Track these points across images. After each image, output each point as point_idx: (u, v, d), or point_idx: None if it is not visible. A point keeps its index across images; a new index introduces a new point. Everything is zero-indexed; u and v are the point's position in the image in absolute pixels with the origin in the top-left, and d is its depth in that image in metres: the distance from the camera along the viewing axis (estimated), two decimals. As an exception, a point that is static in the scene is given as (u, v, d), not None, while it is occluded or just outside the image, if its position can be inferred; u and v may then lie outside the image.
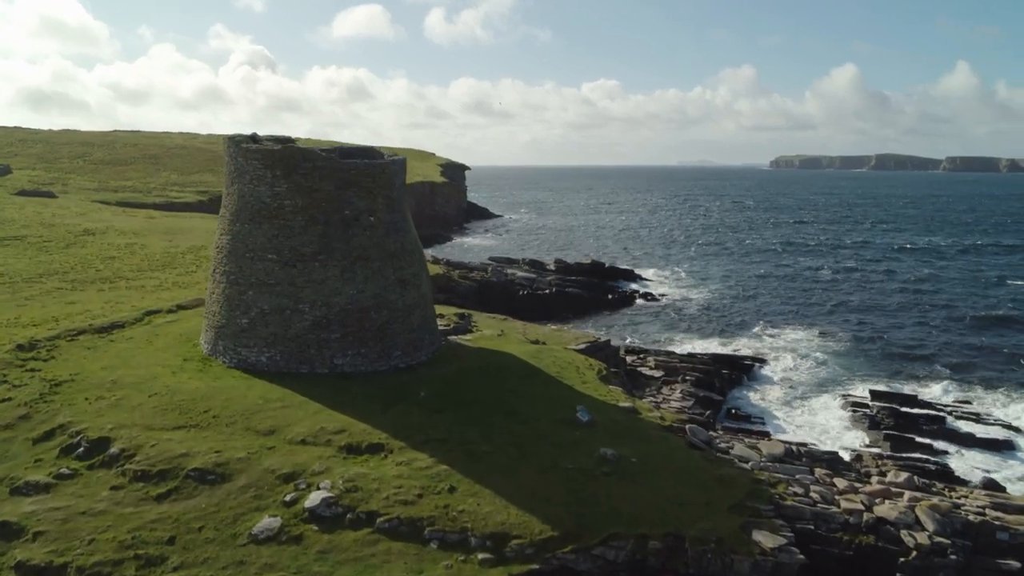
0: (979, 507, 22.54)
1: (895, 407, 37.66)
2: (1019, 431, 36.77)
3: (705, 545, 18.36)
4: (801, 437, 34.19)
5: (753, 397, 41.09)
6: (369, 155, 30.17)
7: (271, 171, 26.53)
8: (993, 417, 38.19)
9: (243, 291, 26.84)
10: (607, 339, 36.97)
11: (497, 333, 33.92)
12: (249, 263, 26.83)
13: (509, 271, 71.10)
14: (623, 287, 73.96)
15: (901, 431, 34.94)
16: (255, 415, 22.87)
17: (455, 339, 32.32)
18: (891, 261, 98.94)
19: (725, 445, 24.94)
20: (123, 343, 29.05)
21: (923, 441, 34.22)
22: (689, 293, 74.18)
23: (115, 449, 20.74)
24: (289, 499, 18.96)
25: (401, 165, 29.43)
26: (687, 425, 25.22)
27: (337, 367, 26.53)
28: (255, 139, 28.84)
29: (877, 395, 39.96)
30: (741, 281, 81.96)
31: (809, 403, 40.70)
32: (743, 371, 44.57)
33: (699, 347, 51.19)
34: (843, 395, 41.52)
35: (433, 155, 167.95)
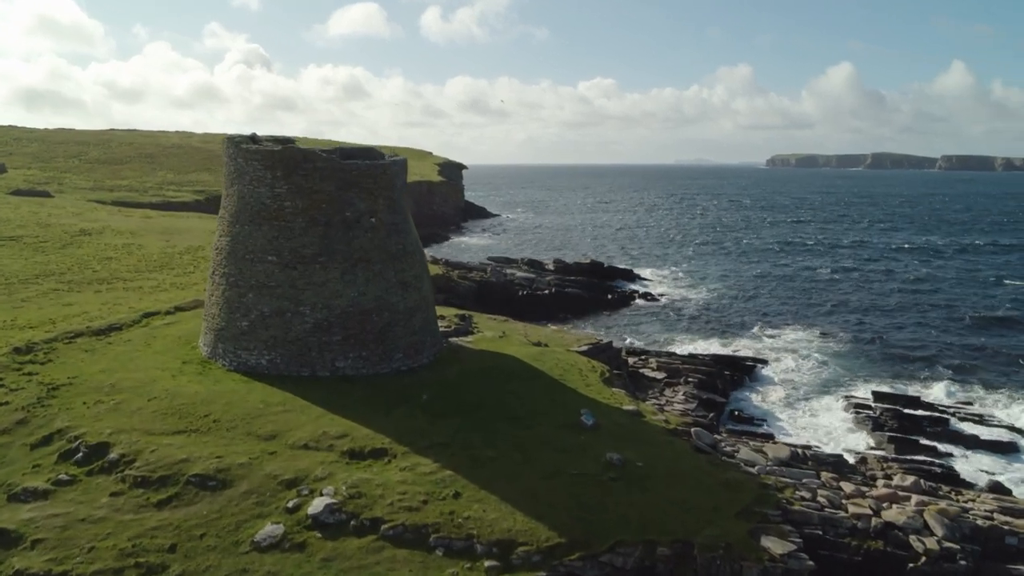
0: (987, 511, 22.38)
1: (898, 409, 37.48)
2: (1023, 433, 36.62)
3: (714, 552, 18.15)
4: (804, 439, 34.02)
5: (755, 399, 40.90)
6: (370, 156, 29.89)
7: (271, 172, 26.24)
8: (996, 419, 38.04)
9: (243, 293, 26.55)
10: (609, 340, 36.77)
11: (498, 335, 33.68)
12: (249, 265, 26.54)
13: (508, 271, 70.85)
14: (622, 287, 73.76)
15: (905, 433, 34.77)
16: (256, 419, 22.59)
17: (456, 341, 32.07)
18: (889, 260, 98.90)
19: (731, 448, 24.74)
20: (121, 346, 28.73)
21: (927, 443, 34.05)
22: (688, 293, 74.02)
23: (114, 454, 20.44)
24: (292, 505, 18.69)
25: (402, 166, 29.16)
26: (692, 428, 25.02)
27: (338, 370, 26.26)
28: (255, 139, 28.55)
29: (880, 396, 39.79)
30: (739, 281, 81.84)
31: (811, 404, 40.53)
32: (744, 372, 44.41)
33: (699, 348, 51.02)
34: (845, 396, 41.35)
35: (430, 154, 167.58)
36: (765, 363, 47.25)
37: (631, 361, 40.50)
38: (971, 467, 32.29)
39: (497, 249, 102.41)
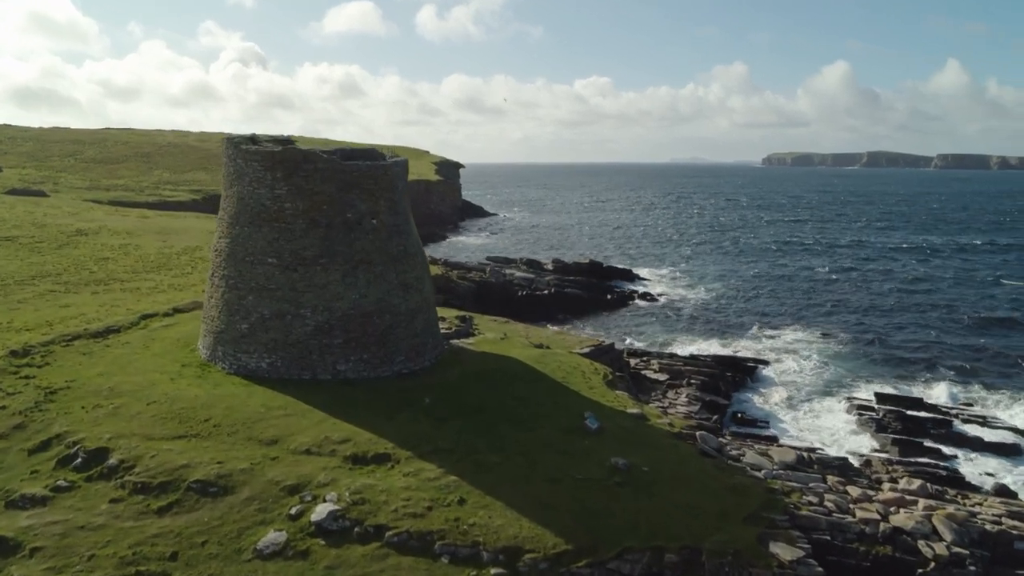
0: (995, 515, 22.23)
1: (901, 410, 37.31)
2: (1026, 434, 36.52)
3: (722, 558, 17.93)
4: (808, 441, 33.89)
5: (757, 400, 40.73)
6: (371, 156, 29.60)
7: (271, 173, 25.95)
8: (999, 420, 37.88)
9: (243, 296, 26.26)
10: (611, 342, 36.53)
11: (500, 337, 33.43)
12: (249, 267, 26.24)
13: (507, 271, 70.62)
14: (621, 287, 73.58)
15: (908, 435, 34.59)
16: (257, 424, 22.30)
17: (457, 343, 31.82)
18: (887, 260, 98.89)
19: (736, 452, 24.53)
20: (119, 348, 28.41)
21: (931, 446, 33.90)
22: (687, 293, 73.88)
23: (114, 460, 20.14)
24: (294, 512, 18.42)
25: (403, 167, 28.90)
26: (697, 432, 24.80)
27: (340, 373, 25.99)
28: (254, 140, 28.25)
29: (882, 398, 39.62)
30: (738, 280, 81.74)
31: (813, 406, 40.38)
32: (746, 373, 44.23)
33: (700, 349, 50.84)
34: (847, 397, 41.19)
35: (427, 153, 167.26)
36: (766, 364, 47.12)
37: (633, 363, 40.30)
38: (976, 470, 32.15)
39: (495, 249, 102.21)
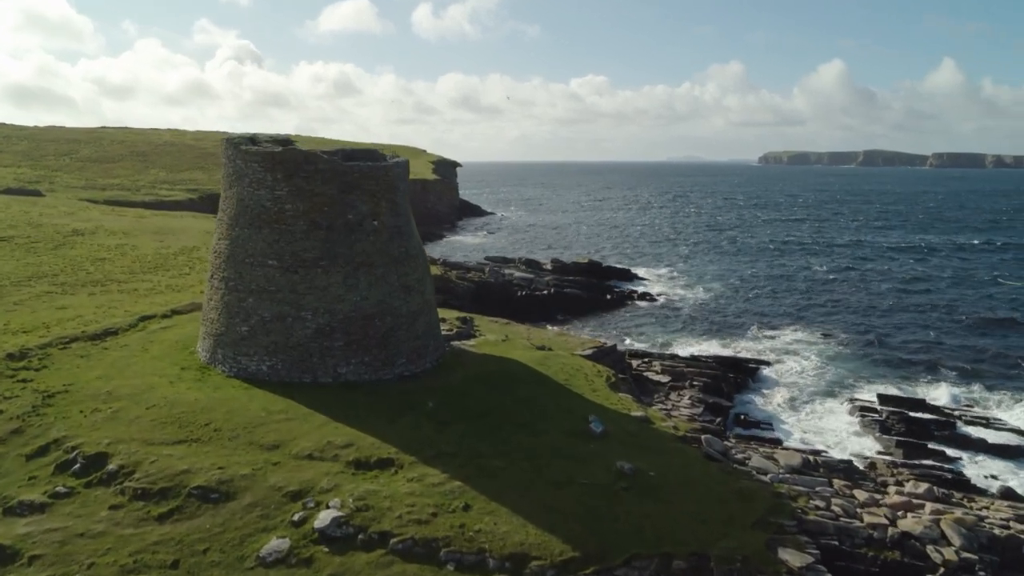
0: (1003, 519, 22.07)
1: (904, 412, 37.14)
2: (1029, 436, 36.37)
3: (731, 564, 17.74)
4: (812, 443, 33.74)
5: (759, 402, 40.56)
6: (372, 157, 29.31)
7: (271, 174, 25.67)
8: (1001, 422, 37.72)
9: (243, 298, 25.97)
10: (613, 344, 36.33)
11: (501, 338, 33.20)
12: (249, 269, 25.96)
13: (506, 271, 70.38)
14: (620, 287, 73.38)
15: (912, 437, 34.43)
16: (258, 428, 22.03)
17: (458, 345, 31.58)
18: (885, 260, 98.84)
19: (742, 456, 24.34)
20: (117, 351, 28.11)
21: (935, 448, 33.74)
22: (685, 293, 73.71)
23: (113, 465, 19.86)
24: (297, 518, 18.17)
25: (404, 167, 28.63)
26: (702, 436, 24.60)
27: (341, 376, 25.73)
28: (254, 140, 27.93)
29: (885, 399, 39.47)
30: (736, 280, 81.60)
31: (815, 407, 40.22)
32: (747, 374, 44.05)
33: (700, 349, 50.67)
34: (849, 399, 41.00)
35: (424, 152, 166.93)
36: (767, 364, 46.96)
37: (634, 364, 40.09)
38: (981, 472, 32.00)
39: (493, 248, 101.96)
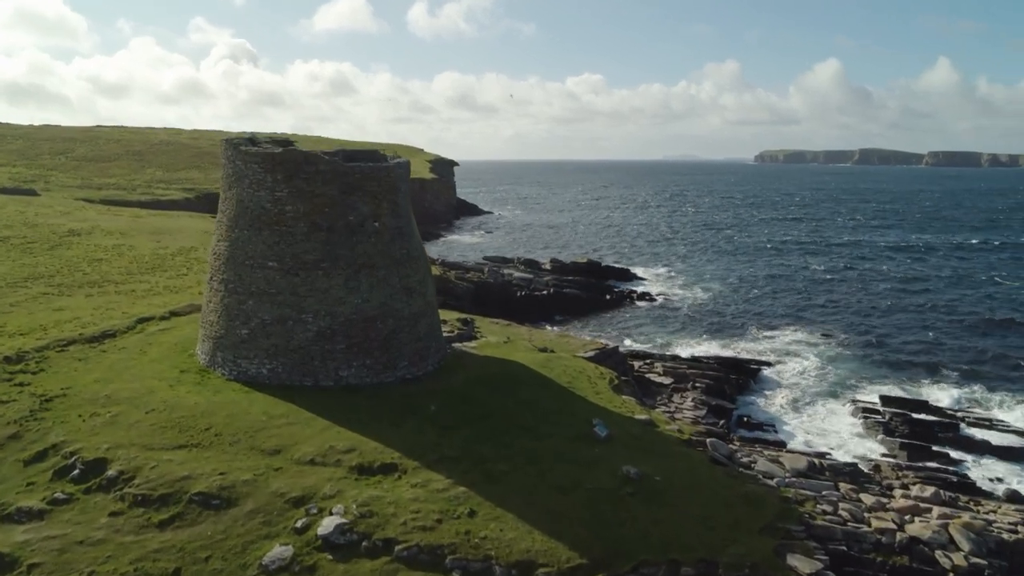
0: (1011, 524, 21.91)
1: (907, 413, 36.99)
2: (1032, 437, 36.22)
3: (739, 571, 17.54)
4: (816, 445, 33.57)
5: (762, 403, 40.37)
6: (372, 157, 29.02)
7: (271, 175, 25.38)
8: (1004, 423, 37.57)
9: (243, 300, 25.69)
10: (615, 346, 36.11)
11: (503, 340, 32.96)
12: (249, 271, 25.67)
13: (505, 271, 70.14)
14: (619, 287, 73.20)
15: (916, 439, 34.27)
16: (259, 432, 21.76)
17: (460, 347, 31.32)
18: (884, 260, 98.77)
19: (747, 459, 24.14)
20: (116, 353, 27.79)
21: (939, 450, 33.58)
22: (685, 292, 73.55)
23: (113, 471, 19.59)
24: (300, 525, 17.92)
25: (405, 168, 28.37)
26: (707, 439, 24.38)
27: (342, 379, 25.46)
28: (254, 141, 27.64)
29: (887, 400, 39.32)
30: (735, 280, 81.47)
31: (818, 408, 40.07)
32: (749, 376, 43.88)
33: (701, 350, 50.53)
34: (851, 400, 40.83)
35: (422, 151, 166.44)
36: (769, 365, 46.81)
37: (636, 365, 39.89)
38: (985, 474, 31.86)
39: (491, 247, 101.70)
